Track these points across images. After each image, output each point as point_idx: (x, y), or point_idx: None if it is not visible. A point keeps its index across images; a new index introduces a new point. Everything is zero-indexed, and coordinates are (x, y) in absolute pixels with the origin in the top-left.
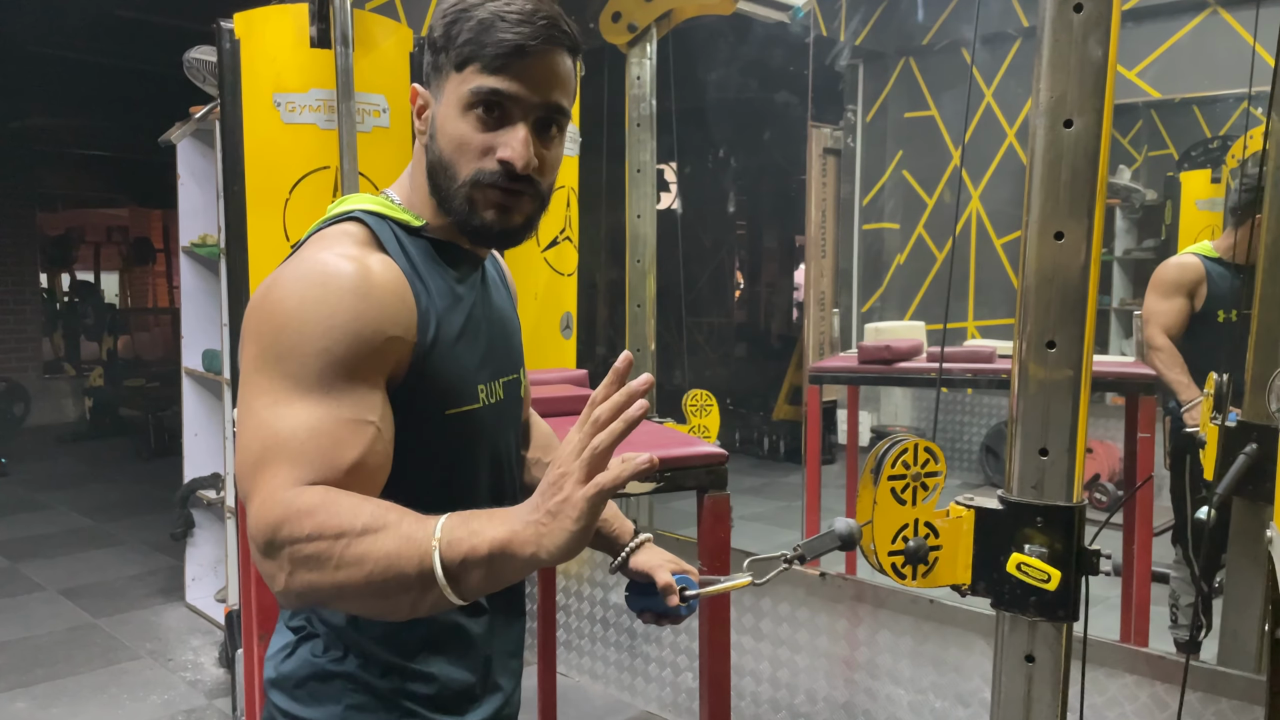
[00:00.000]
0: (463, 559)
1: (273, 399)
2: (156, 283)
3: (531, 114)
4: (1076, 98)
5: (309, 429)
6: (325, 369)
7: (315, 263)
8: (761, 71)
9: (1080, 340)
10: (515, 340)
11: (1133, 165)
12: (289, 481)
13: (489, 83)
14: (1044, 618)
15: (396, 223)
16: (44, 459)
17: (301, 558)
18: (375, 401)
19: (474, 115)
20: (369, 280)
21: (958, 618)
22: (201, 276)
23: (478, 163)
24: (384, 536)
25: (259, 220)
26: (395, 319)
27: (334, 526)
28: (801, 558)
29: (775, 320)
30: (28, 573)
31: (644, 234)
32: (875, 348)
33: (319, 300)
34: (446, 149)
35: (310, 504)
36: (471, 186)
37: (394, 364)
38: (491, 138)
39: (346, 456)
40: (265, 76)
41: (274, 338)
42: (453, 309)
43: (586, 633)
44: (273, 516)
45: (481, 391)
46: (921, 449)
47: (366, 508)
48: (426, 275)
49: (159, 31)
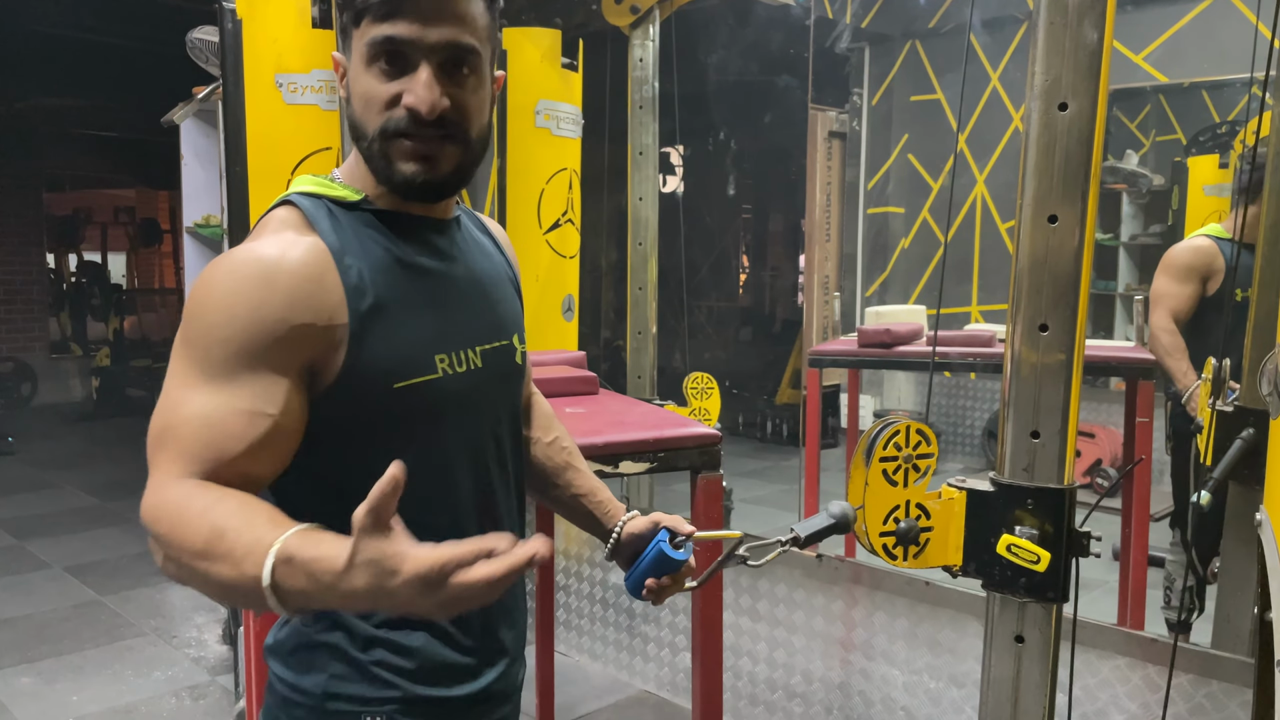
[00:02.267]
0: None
1: (179, 381)
2: (164, 263)
3: (434, 56)
4: (1071, 81)
5: (202, 417)
6: (227, 357)
7: (235, 252)
8: (765, 54)
9: (1072, 324)
10: (503, 306)
11: (1140, 150)
12: (171, 471)
13: (382, 30)
14: (1034, 599)
15: (333, 200)
16: (50, 438)
17: (162, 546)
18: (277, 392)
19: (376, 69)
20: (278, 268)
21: (952, 599)
22: (205, 257)
23: (386, 113)
24: (218, 565)
25: (261, 201)
26: (307, 305)
27: (177, 540)
28: (797, 539)
29: (779, 304)
30: (34, 550)
31: (646, 217)
32: (875, 331)
33: (226, 290)
34: (357, 108)
35: (171, 503)
36: (382, 139)
37: (311, 351)
38: (395, 86)
39: (233, 448)
40: (267, 57)
41: (187, 323)
42: (397, 279)
43: (585, 612)
44: (147, 504)
45: (441, 361)
46: (914, 431)
47: (205, 522)
48: (362, 249)
49: (163, 11)
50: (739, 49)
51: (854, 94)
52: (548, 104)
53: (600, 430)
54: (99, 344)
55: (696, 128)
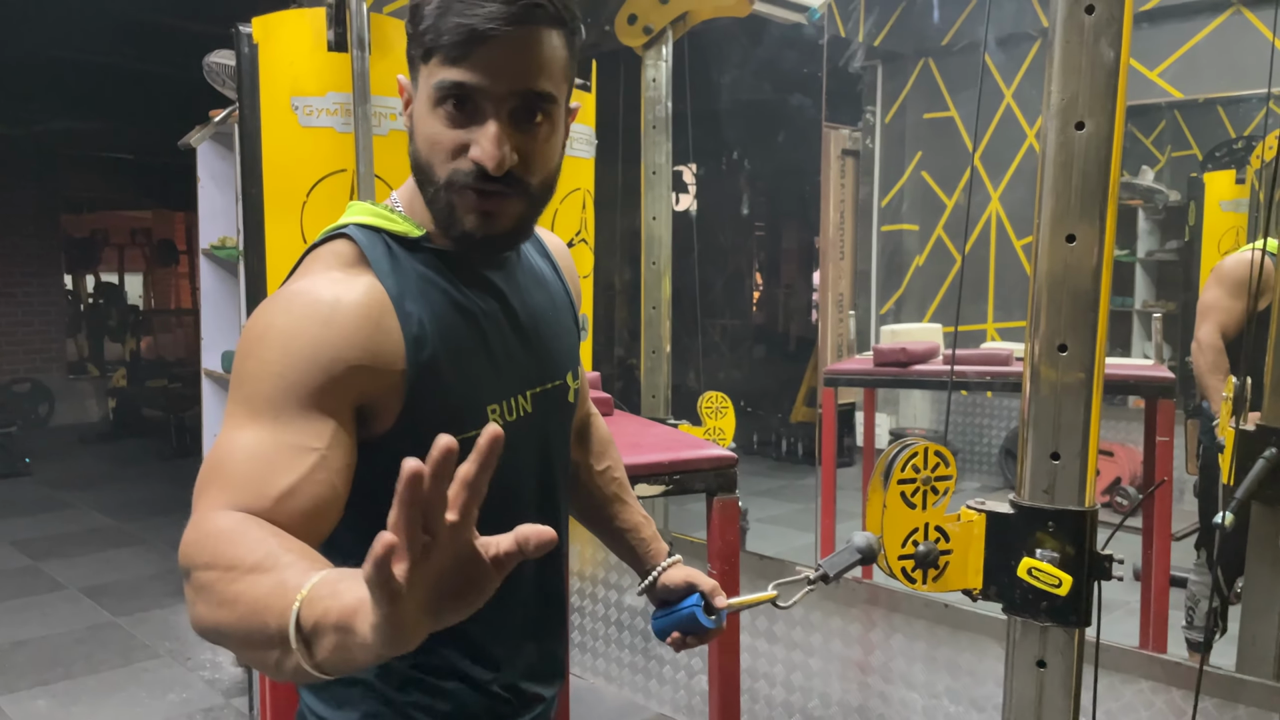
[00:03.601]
0: (315, 623)
1: (230, 423)
2: (179, 284)
3: (504, 105)
4: (1088, 99)
5: (248, 453)
6: (277, 394)
7: (290, 290)
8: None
9: (1092, 343)
10: (557, 343)
11: (1155, 166)
12: (215, 504)
13: (450, 75)
14: (1055, 623)
15: (394, 236)
16: (67, 459)
17: (196, 586)
18: (326, 430)
19: (443, 111)
20: (336, 308)
21: (972, 622)
22: (221, 279)
23: (452, 163)
24: (265, 579)
25: (276, 223)
26: (364, 348)
27: (228, 558)
28: (825, 577)
29: (793, 322)
30: (50, 571)
31: (659, 236)
32: (890, 350)
33: (282, 328)
34: (422, 150)
35: (218, 529)
36: (448, 190)
37: (363, 392)
38: (464, 135)
39: (278, 484)
40: (283, 80)
41: (240, 363)
42: (454, 325)
43: (601, 635)
44: (186, 540)
45: (493, 412)
46: (931, 453)
47: (269, 545)
48: (423, 294)
49: (180, 36)
50: (752, 68)
51: (867, 112)
52: None
53: None
54: (115, 365)
55: (710, 146)
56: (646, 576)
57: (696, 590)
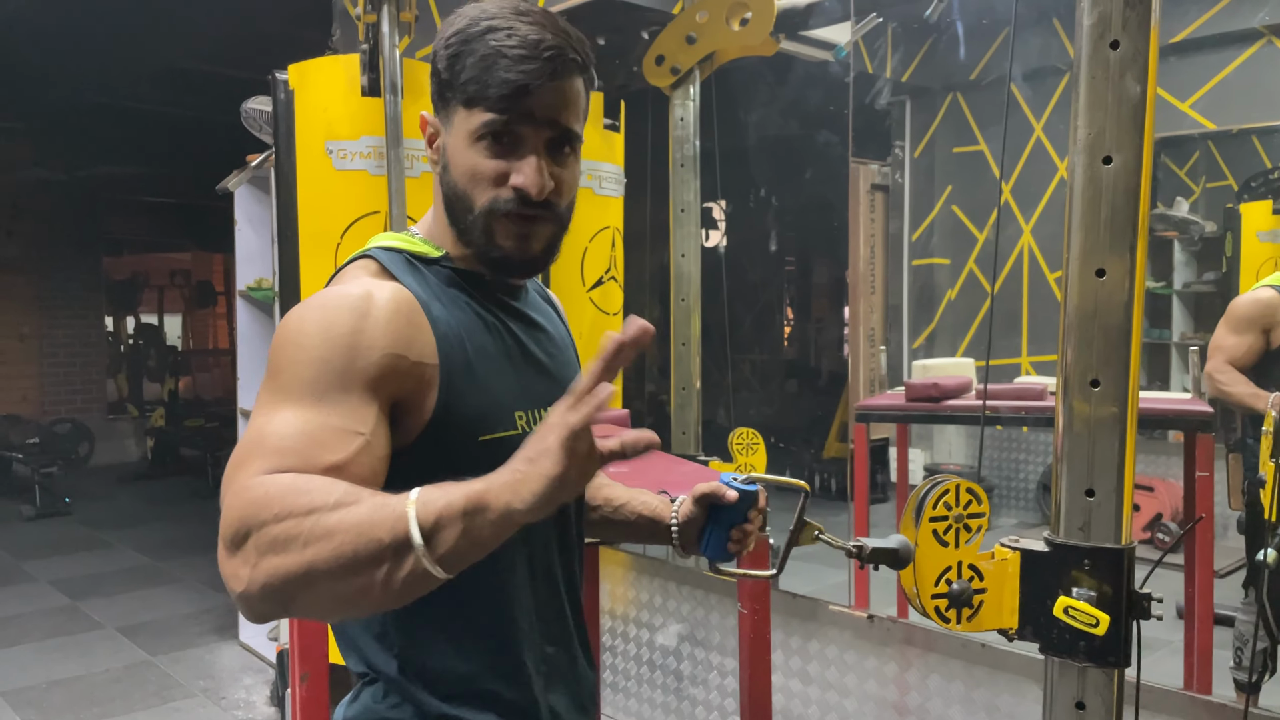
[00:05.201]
0: (437, 516)
1: (265, 411)
2: (217, 324)
3: (541, 138)
4: (1115, 134)
5: (293, 429)
6: (318, 377)
7: (322, 293)
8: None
9: (1125, 378)
10: (570, 370)
11: (1190, 197)
12: (260, 471)
13: (504, 115)
14: (1094, 664)
15: (413, 255)
16: (107, 498)
17: (268, 541)
18: (368, 415)
19: (483, 145)
20: (370, 300)
21: (1010, 662)
22: (257, 320)
23: (492, 191)
24: (357, 507)
25: (311, 264)
26: (398, 338)
27: (304, 504)
28: (862, 549)
29: (824, 357)
30: (88, 610)
31: (688, 272)
32: (922, 385)
33: (318, 319)
34: (460, 180)
35: (281, 487)
36: (488, 216)
37: (399, 385)
38: (504, 165)
39: (326, 458)
40: (318, 125)
41: (275, 357)
42: (480, 333)
43: (633, 674)
44: (239, 504)
45: (520, 419)
46: (963, 490)
47: (340, 486)
48: (446, 301)
49: (218, 82)
50: (780, 105)
51: (896, 147)
52: (590, 164)
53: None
54: (154, 404)
55: (738, 183)
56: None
57: (716, 495)
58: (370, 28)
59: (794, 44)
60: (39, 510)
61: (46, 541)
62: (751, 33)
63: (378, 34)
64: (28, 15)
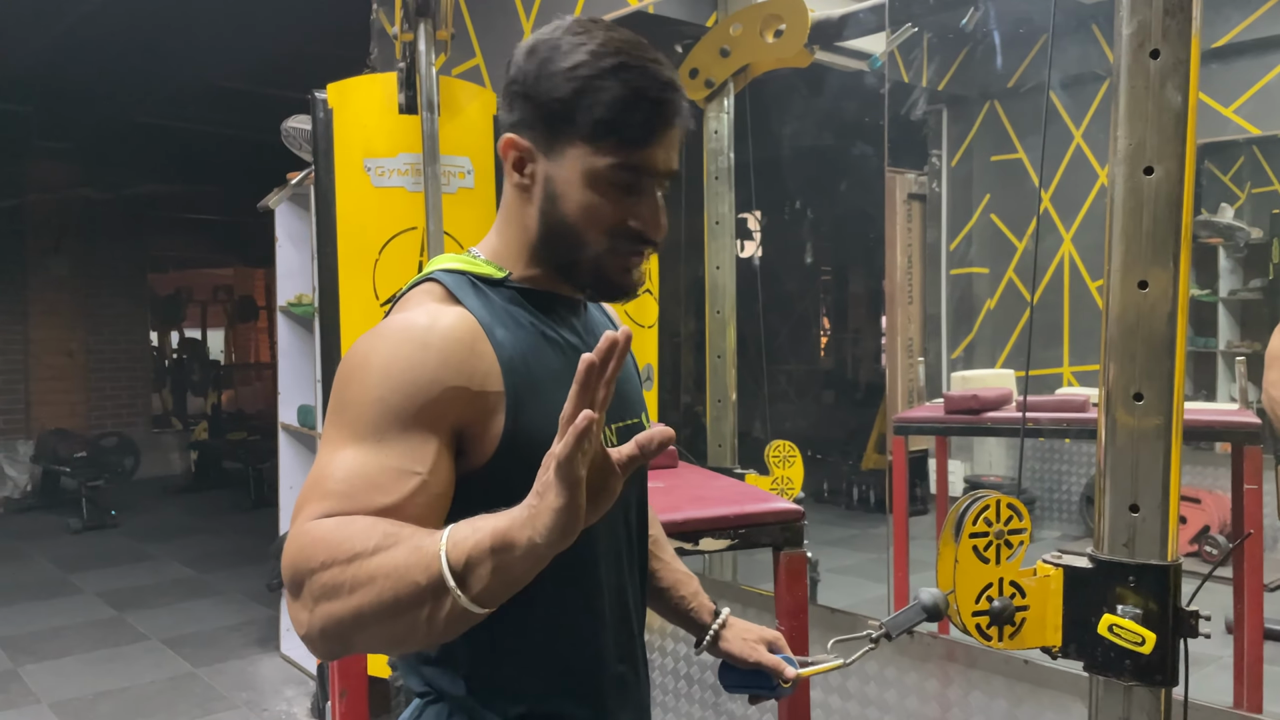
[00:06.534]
0: (468, 557)
1: (330, 448)
2: (259, 338)
3: (660, 184)
4: (1156, 144)
5: (349, 471)
6: (378, 417)
7: (385, 322)
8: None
9: (1169, 391)
10: (630, 385)
11: (1235, 203)
12: (315, 513)
13: (634, 160)
14: (1140, 682)
15: (477, 276)
16: (151, 510)
17: (319, 589)
18: (427, 453)
19: (607, 185)
20: (432, 331)
21: (1054, 679)
22: (297, 334)
23: (610, 233)
24: (395, 551)
25: (350, 280)
26: (459, 369)
27: (347, 550)
28: (888, 635)
29: (861, 368)
30: (133, 622)
31: (723, 284)
32: (962, 397)
33: (381, 353)
34: (573, 216)
35: (324, 532)
36: (608, 255)
37: (461, 415)
38: (626, 207)
39: (378, 500)
40: (356, 143)
41: (340, 391)
42: (544, 353)
43: (671, 689)
44: (293, 550)
45: None
46: (1004, 505)
47: (380, 527)
48: (509, 323)
49: (260, 101)
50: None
51: (933, 155)
52: None
53: (680, 506)
54: (197, 418)
55: (774, 194)
56: (697, 634)
57: (761, 665)
58: (407, 46)
59: (828, 55)
60: (85, 523)
61: (93, 554)
62: (786, 45)
63: (415, 52)
64: (76, 39)
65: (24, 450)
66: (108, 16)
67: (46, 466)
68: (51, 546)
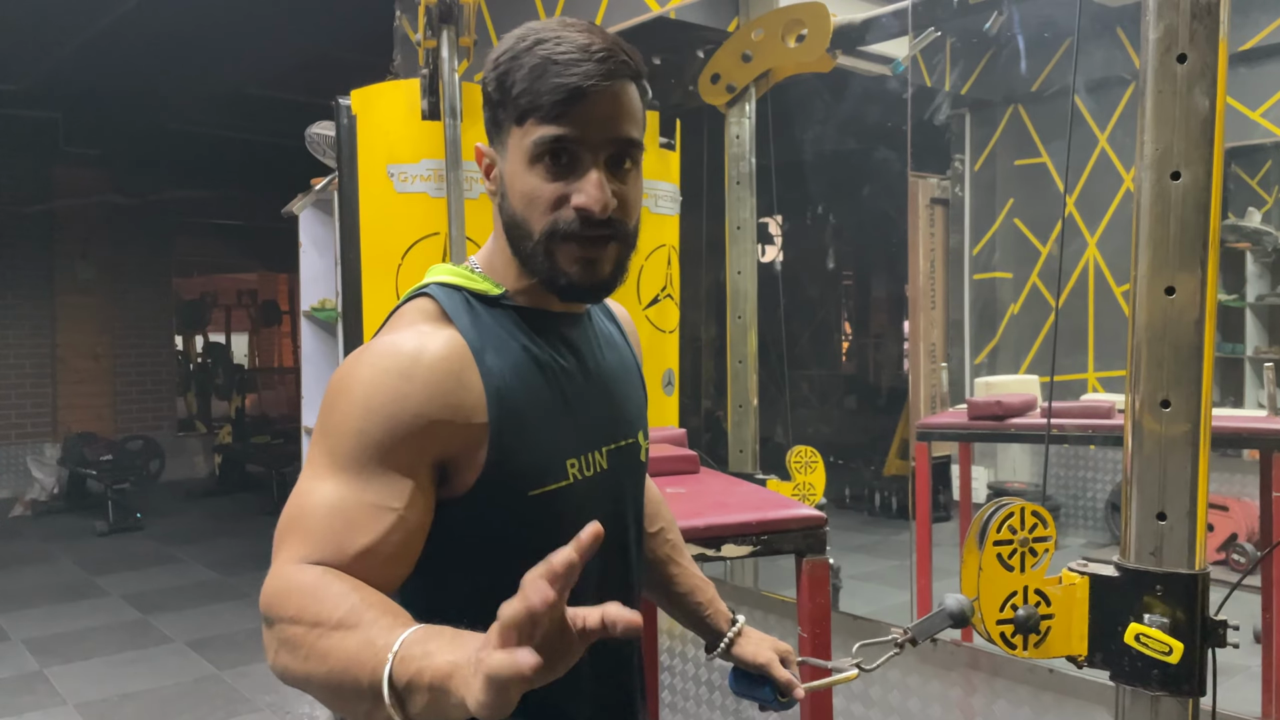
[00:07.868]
0: (409, 681)
1: (312, 471)
2: (283, 343)
3: (601, 153)
4: (1183, 149)
5: (328, 507)
6: (358, 450)
7: (374, 344)
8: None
9: (1197, 398)
10: (629, 402)
11: (1263, 208)
12: (295, 557)
13: (551, 131)
14: (1167, 692)
15: (473, 294)
16: (176, 513)
17: (282, 639)
18: (404, 488)
19: (540, 167)
20: (417, 361)
21: (1080, 689)
22: (321, 339)
23: (552, 214)
24: (352, 636)
25: (373, 285)
26: (444, 402)
27: (313, 614)
28: (913, 640)
29: (883, 373)
30: (158, 624)
31: (745, 290)
32: (985, 403)
33: (365, 381)
34: (518, 206)
35: (301, 584)
36: (549, 240)
37: (444, 448)
38: (563, 186)
39: (357, 541)
40: (379, 149)
41: (325, 413)
42: (534, 380)
43: (690, 694)
44: (269, 589)
45: (572, 466)
46: (1029, 513)
47: (351, 600)
48: (503, 348)
49: (284, 108)
50: (837, 121)
51: (956, 160)
52: (647, 183)
53: (702, 512)
54: (221, 421)
55: (795, 198)
56: (711, 640)
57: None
58: (430, 53)
59: (851, 59)
60: (111, 526)
61: (119, 556)
62: (807, 50)
63: (437, 59)
64: (103, 46)
65: (51, 453)
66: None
67: (73, 469)
68: (77, 549)
